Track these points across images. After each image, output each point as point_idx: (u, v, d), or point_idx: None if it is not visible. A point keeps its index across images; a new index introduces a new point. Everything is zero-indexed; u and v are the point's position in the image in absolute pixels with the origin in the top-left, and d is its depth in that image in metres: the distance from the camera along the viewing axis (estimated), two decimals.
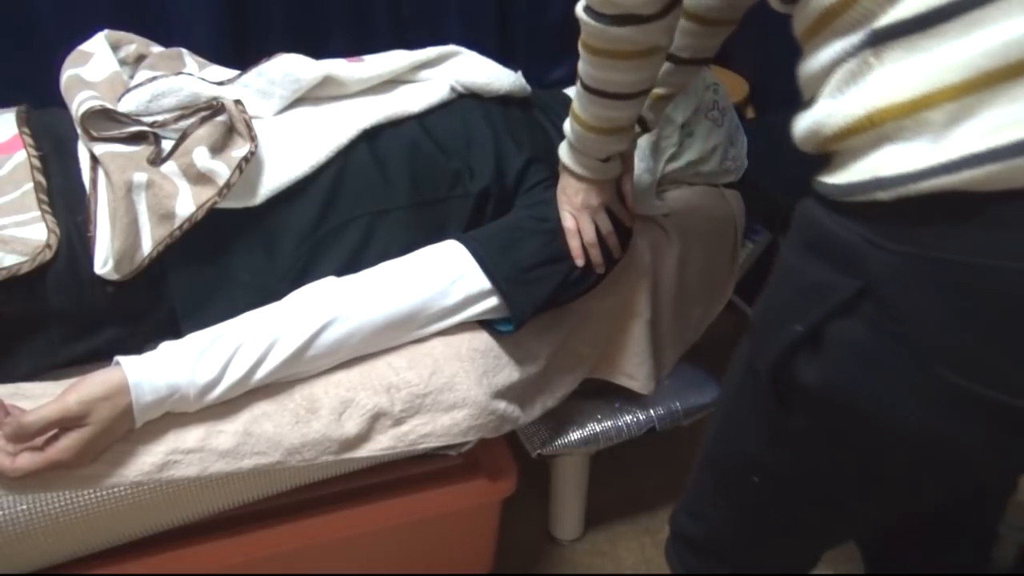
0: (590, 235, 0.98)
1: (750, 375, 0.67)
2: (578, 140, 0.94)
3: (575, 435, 1.15)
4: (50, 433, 0.75)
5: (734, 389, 0.74)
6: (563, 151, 0.98)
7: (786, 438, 0.66)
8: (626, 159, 1.02)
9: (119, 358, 0.78)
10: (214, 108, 0.94)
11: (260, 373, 0.82)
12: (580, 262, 0.98)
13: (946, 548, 0.87)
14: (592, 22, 0.78)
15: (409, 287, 0.90)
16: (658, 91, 0.99)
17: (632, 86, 0.85)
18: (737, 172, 1.28)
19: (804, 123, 0.57)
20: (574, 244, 0.98)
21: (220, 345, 0.81)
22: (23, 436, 0.73)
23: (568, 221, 0.98)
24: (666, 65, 0.95)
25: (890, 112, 0.49)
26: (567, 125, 0.95)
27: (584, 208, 0.98)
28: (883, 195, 0.49)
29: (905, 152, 0.48)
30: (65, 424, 0.74)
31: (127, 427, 0.78)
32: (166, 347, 0.81)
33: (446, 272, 0.92)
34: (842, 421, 0.59)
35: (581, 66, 0.86)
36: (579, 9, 0.80)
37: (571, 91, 1.20)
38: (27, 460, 0.74)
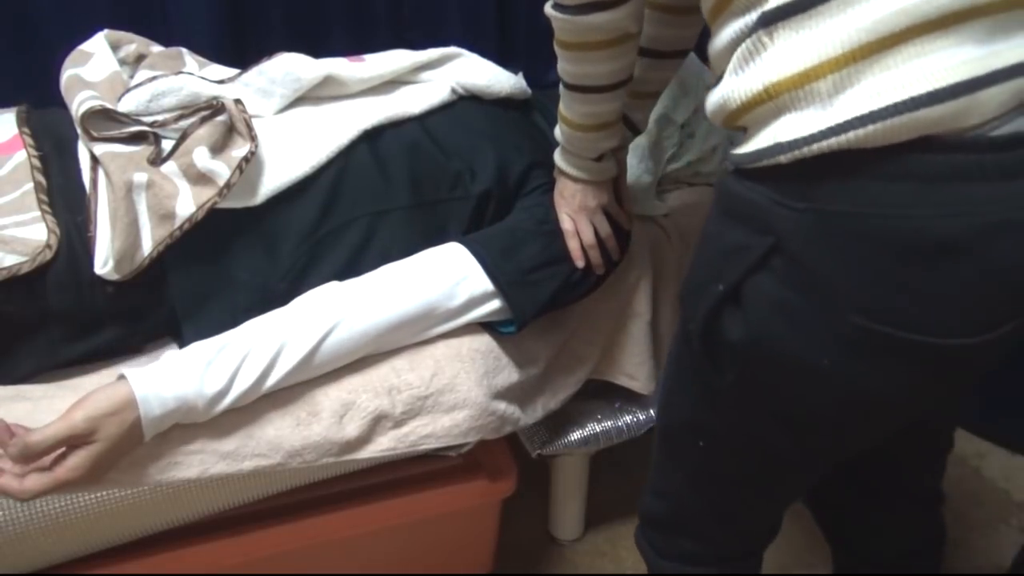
0: (589, 237, 0.98)
1: (683, 341, 0.72)
2: (568, 141, 0.95)
3: (575, 435, 1.15)
4: (57, 452, 0.73)
5: (672, 359, 0.79)
6: (557, 155, 0.99)
7: (720, 397, 0.70)
8: (620, 160, 1.02)
9: (124, 371, 0.76)
10: (214, 108, 0.94)
11: (269, 381, 0.82)
12: (580, 263, 0.98)
13: (893, 509, 0.91)
14: (560, 15, 0.80)
15: (413, 290, 0.90)
16: (643, 89, 1.00)
17: (609, 76, 0.87)
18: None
19: (713, 99, 0.62)
20: (573, 246, 0.98)
21: (227, 355, 0.80)
22: (29, 456, 0.71)
23: (566, 223, 0.98)
24: (645, 61, 0.96)
25: (783, 85, 0.54)
26: (557, 128, 0.96)
27: (582, 210, 0.98)
28: (783, 158, 0.55)
29: (799, 119, 0.54)
30: (72, 442, 0.72)
31: (136, 442, 0.76)
32: (171, 358, 0.79)
33: (450, 274, 0.92)
34: (767, 373, 0.64)
35: (559, 64, 0.88)
36: (547, 8, 0.82)
37: None
38: (35, 481, 0.71)
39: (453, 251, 0.94)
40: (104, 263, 0.84)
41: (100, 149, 0.89)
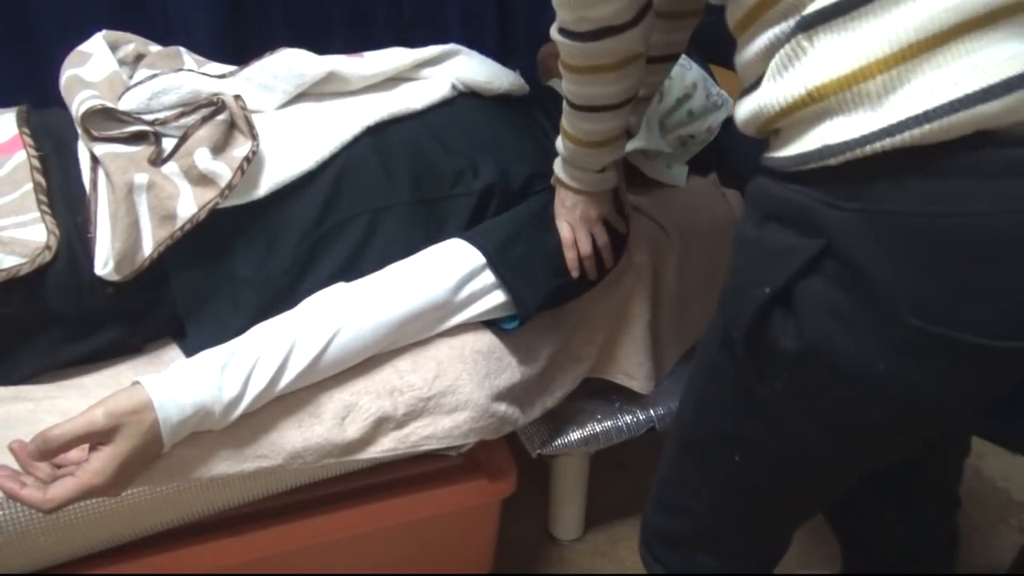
0: (586, 248, 0.99)
1: (723, 350, 0.70)
2: (571, 155, 0.94)
3: (575, 435, 1.15)
4: (79, 460, 0.72)
5: (705, 369, 0.76)
6: (557, 166, 0.98)
7: (763, 406, 0.68)
8: (619, 169, 1.02)
9: (140, 379, 0.74)
10: (215, 106, 0.94)
11: (280, 384, 0.81)
12: (575, 274, 0.99)
13: (911, 511, 0.89)
14: (568, 42, 0.79)
15: (419, 288, 0.90)
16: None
17: (618, 96, 0.86)
18: (726, 109, 1.29)
19: (748, 107, 0.61)
20: (570, 256, 0.98)
21: (239, 359, 0.79)
22: (47, 451, 0.69)
23: (565, 233, 0.98)
24: None
25: (829, 88, 0.54)
26: (559, 141, 0.96)
27: (583, 221, 0.98)
28: (833, 161, 0.54)
29: (848, 121, 0.53)
30: (92, 439, 0.71)
31: (156, 450, 0.75)
32: (184, 365, 0.78)
33: (454, 270, 0.92)
34: (819, 379, 0.62)
35: (565, 85, 0.87)
36: (554, 32, 0.80)
37: (556, 83, 1.21)
38: (59, 489, 0.69)
39: (456, 247, 0.94)
40: (104, 264, 0.84)
41: (100, 149, 0.88)
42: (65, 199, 0.86)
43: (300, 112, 1.02)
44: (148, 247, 0.85)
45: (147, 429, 0.73)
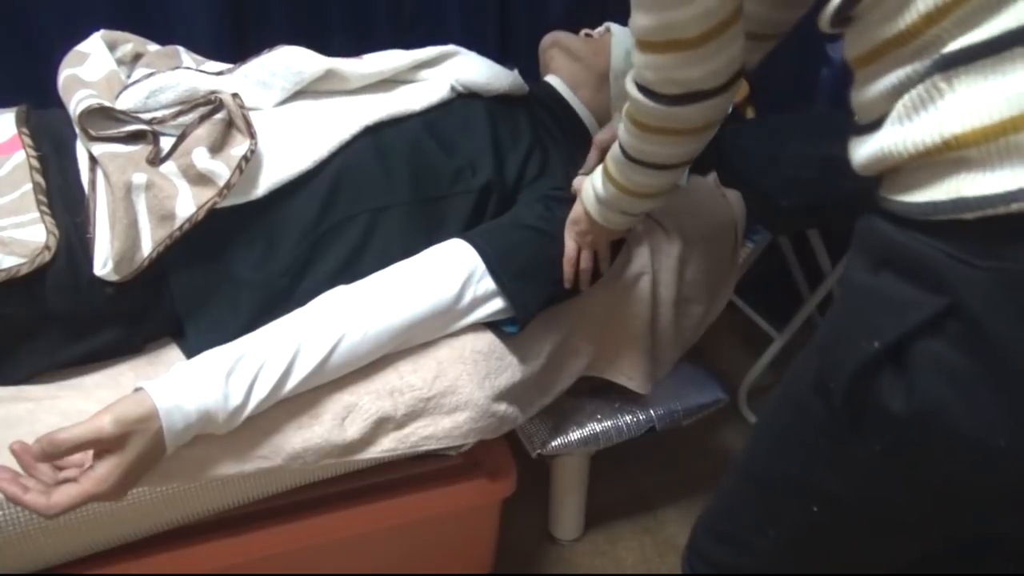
0: (587, 265, 0.99)
1: (816, 396, 0.64)
2: (613, 200, 0.89)
3: (575, 435, 1.15)
4: (83, 468, 0.72)
5: (791, 409, 0.70)
6: (590, 202, 0.93)
7: (856, 464, 0.63)
8: None
9: (145, 385, 0.74)
10: (212, 105, 0.93)
11: (285, 389, 0.81)
12: (568, 286, 0.99)
13: (980, 564, 0.83)
14: (650, 103, 0.72)
15: (422, 292, 0.90)
16: None
17: (683, 157, 0.81)
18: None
19: (869, 149, 0.56)
20: (568, 271, 0.98)
21: (244, 365, 0.79)
22: (52, 455, 0.69)
23: (571, 251, 0.98)
24: None
25: (971, 137, 0.48)
26: (599, 181, 0.90)
27: (591, 245, 0.98)
28: (968, 215, 0.49)
29: (991, 175, 0.48)
30: (98, 446, 0.71)
31: (158, 456, 0.75)
32: (187, 369, 0.77)
33: (457, 274, 0.92)
34: (925, 445, 0.57)
35: (625, 138, 0.80)
36: (632, 87, 0.73)
37: (552, 79, 1.21)
38: (63, 495, 0.69)
39: (458, 249, 0.94)
40: (103, 264, 0.84)
41: (99, 149, 0.88)
42: (64, 199, 0.86)
43: (298, 110, 1.02)
44: (147, 247, 0.85)
45: (152, 436, 0.73)
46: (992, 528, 0.69)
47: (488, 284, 0.93)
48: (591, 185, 0.93)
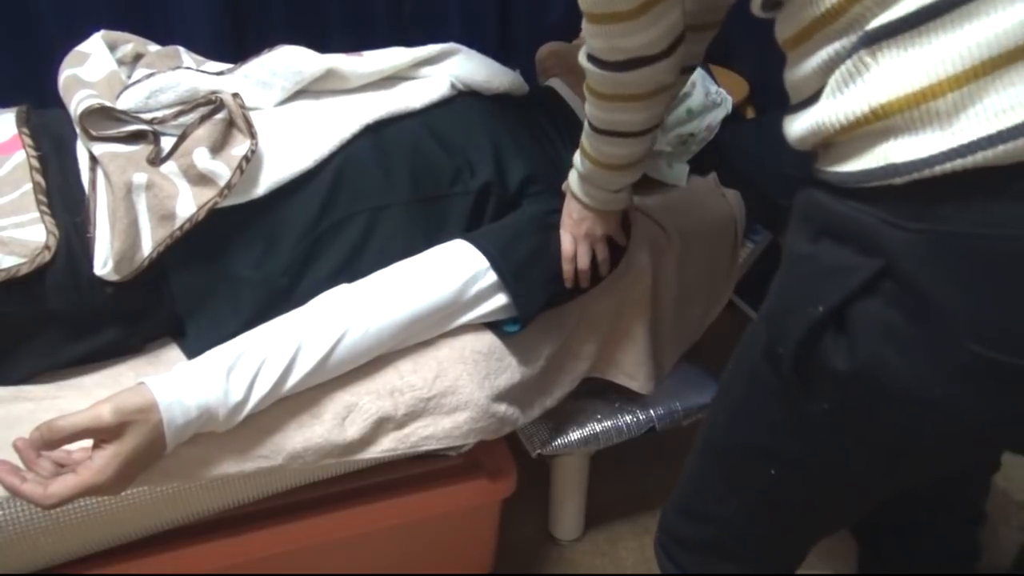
0: (584, 262, 0.99)
1: (766, 363, 0.68)
2: (589, 174, 0.93)
3: (575, 435, 1.15)
4: (82, 459, 0.72)
5: (744, 379, 0.73)
6: (572, 179, 0.97)
7: (807, 424, 0.66)
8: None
9: (146, 379, 0.74)
10: (213, 105, 0.93)
11: (286, 387, 0.82)
12: (568, 285, 0.99)
13: (935, 523, 0.88)
14: (598, 71, 0.77)
15: (424, 289, 0.90)
16: None
17: (643, 124, 0.84)
18: (726, 107, 1.29)
19: (804, 123, 0.59)
20: (567, 269, 0.98)
21: (245, 362, 0.79)
22: (51, 441, 0.69)
23: (567, 245, 0.98)
24: None
25: (894, 105, 0.51)
26: (577, 157, 0.94)
27: (586, 236, 0.98)
28: (898, 180, 0.52)
29: (916, 140, 0.51)
30: (97, 435, 0.71)
31: (158, 452, 0.75)
32: (189, 366, 0.78)
33: (458, 272, 0.92)
34: (869, 401, 0.60)
35: (589, 109, 0.85)
36: (583, 58, 0.79)
37: (555, 83, 1.21)
38: (61, 486, 0.69)
39: (460, 248, 0.94)
40: (103, 264, 0.84)
41: (99, 149, 0.88)
42: (64, 199, 0.86)
43: (299, 109, 1.02)
44: (147, 247, 0.85)
45: (151, 429, 0.73)
46: (936, 476, 0.73)
47: (490, 281, 0.93)
48: (574, 165, 0.96)
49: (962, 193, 0.50)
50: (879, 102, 0.52)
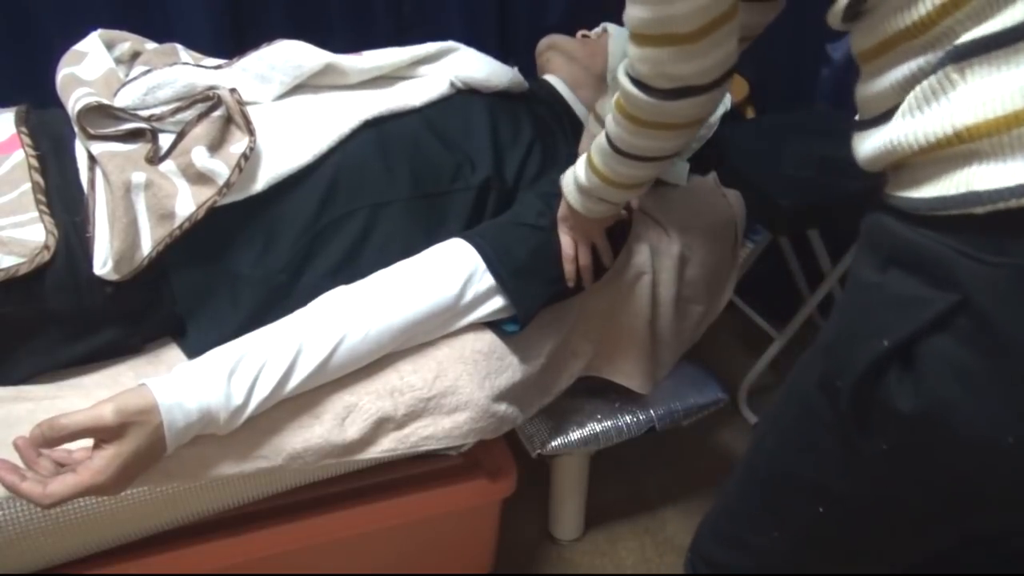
0: (586, 261, 0.99)
1: (821, 395, 0.63)
2: (595, 189, 0.90)
3: (575, 435, 1.15)
4: (82, 460, 0.72)
5: (797, 409, 0.69)
6: (571, 192, 0.94)
7: (863, 463, 0.62)
8: None
9: (147, 381, 0.74)
10: (211, 101, 0.93)
11: (286, 389, 0.81)
12: (571, 284, 0.99)
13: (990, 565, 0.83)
14: (642, 96, 0.72)
15: (424, 291, 0.90)
16: None
17: (671, 150, 0.81)
18: (725, 105, 1.28)
19: (875, 143, 0.55)
20: (569, 269, 0.98)
21: (246, 365, 0.79)
22: (52, 439, 0.69)
23: (567, 247, 0.98)
24: None
25: (983, 128, 0.48)
26: (581, 171, 0.91)
27: (585, 236, 0.98)
28: (979, 209, 0.48)
29: (1002, 167, 0.47)
30: (97, 434, 0.71)
31: (158, 454, 0.75)
32: (190, 368, 0.77)
33: (457, 273, 0.92)
34: (932, 444, 0.56)
35: (615, 130, 0.80)
36: (624, 79, 0.73)
37: (551, 79, 1.21)
38: (60, 485, 0.69)
39: (458, 248, 0.94)
40: (103, 263, 0.84)
41: (97, 148, 0.88)
42: (63, 199, 0.86)
43: (298, 104, 1.01)
44: (147, 246, 0.85)
45: (152, 432, 0.73)
46: (999, 527, 0.68)
47: (489, 282, 0.93)
48: (572, 176, 0.93)
49: None
50: (964, 124, 0.48)
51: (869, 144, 0.56)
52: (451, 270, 0.92)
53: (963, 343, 0.51)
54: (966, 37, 0.48)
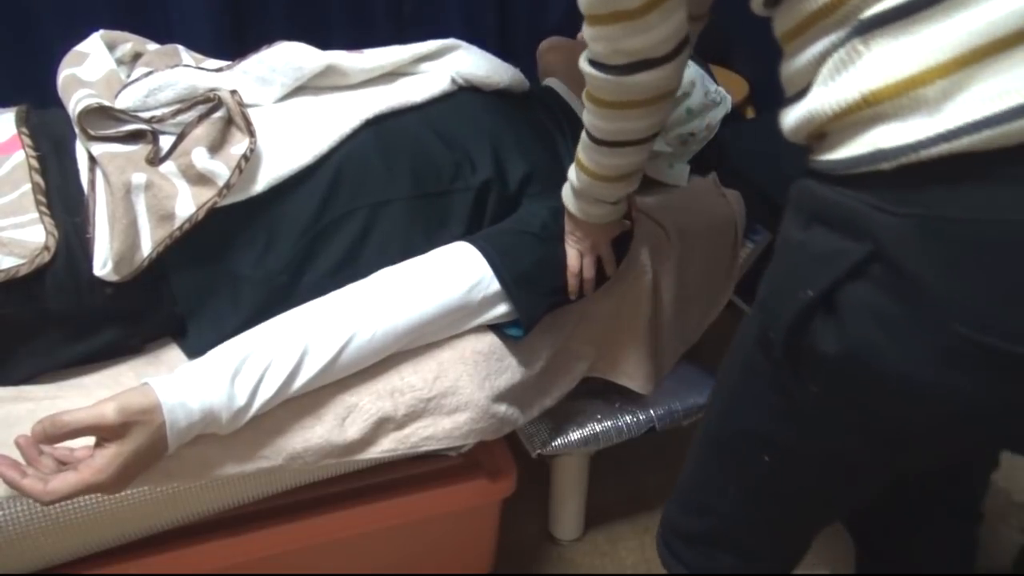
0: (590, 274, 0.99)
1: (759, 350, 0.68)
2: (586, 188, 0.91)
3: (575, 435, 1.15)
4: (83, 459, 0.72)
5: (739, 368, 0.74)
6: (567, 198, 0.95)
7: (800, 409, 0.67)
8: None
9: (150, 381, 0.74)
10: (211, 103, 0.93)
11: (291, 390, 0.82)
12: (573, 297, 0.99)
13: (933, 522, 0.88)
14: (601, 75, 0.75)
15: (431, 294, 0.90)
16: None
17: (645, 131, 0.83)
18: (725, 106, 1.28)
19: (796, 114, 0.59)
20: (573, 283, 0.98)
21: (250, 366, 0.79)
22: (54, 435, 0.69)
23: (573, 261, 0.98)
24: None
25: (885, 92, 0.52)
26: (572, 173, 0.92)
27: (591, 249, 0.98)
28: (886, 165, 0.52)
29: (904, 126, 0.52)
30: (99, 432, 0.71)
31: (159, 453, 0.75)
32: (193, 368, 0.78)
33: (464, 277, 0.92)
34: (859, 385, 0.60)
35: (588, 119, 0.83)
36: (584, 63, 0.77)
37: (552, 82, 1.21)
38: (60, 482, 0.69)
39: (465, 252, 0.94)
40: (103, 264, 0.84)
41: (98, 149, 0.88)
42: (63, 199, 0.86)
43: (298, 106, 1.01)
44: (147, 247, 0.85)
45: (154, 431, 0.73)
46: (932, 466, 0.73)
47: (495, 288, 0.93)
48: (567, 181, 0.95)
49: (949, 178, 0.51)
50: (869, 88, 0.53)
51: (792, 116, 0.60)
52: (459, 273, 0.92)
53: (879, 288, 0.55)
54: (868, 12, 0.53)
